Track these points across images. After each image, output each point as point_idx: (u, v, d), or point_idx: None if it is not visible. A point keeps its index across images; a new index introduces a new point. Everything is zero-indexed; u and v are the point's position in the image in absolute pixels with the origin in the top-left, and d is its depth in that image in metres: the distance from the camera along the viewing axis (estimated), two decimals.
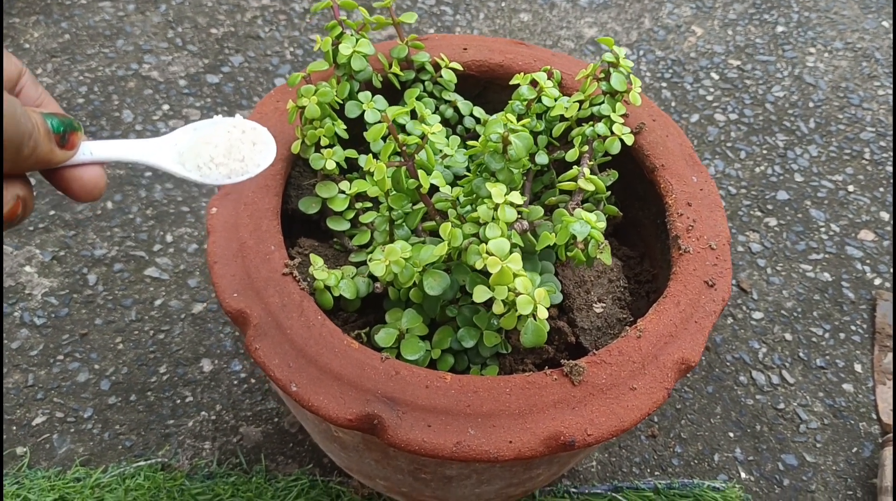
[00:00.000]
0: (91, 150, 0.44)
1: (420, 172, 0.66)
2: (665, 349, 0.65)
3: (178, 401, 0.97)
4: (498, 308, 0.60)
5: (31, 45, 1.38)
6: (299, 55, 1.43)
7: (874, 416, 1.04)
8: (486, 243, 0.61)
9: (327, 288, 0.68)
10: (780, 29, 1.61)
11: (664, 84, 1.47)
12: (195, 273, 1.10)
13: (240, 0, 1.52)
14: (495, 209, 0.62)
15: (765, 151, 1.37)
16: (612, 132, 0.73)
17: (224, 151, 0.48)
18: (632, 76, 0.75)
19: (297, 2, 1.53)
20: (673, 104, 1.43)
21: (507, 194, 0.63)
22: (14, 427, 0.94)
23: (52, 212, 1.15)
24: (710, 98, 1.45)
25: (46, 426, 0.94)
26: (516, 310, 0.59)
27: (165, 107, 1.31)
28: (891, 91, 1.50)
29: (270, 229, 0.69)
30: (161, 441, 0.94)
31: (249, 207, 0.70)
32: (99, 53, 1.38)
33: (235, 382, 1.00)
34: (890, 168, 1.36)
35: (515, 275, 0.60)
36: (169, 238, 1.13)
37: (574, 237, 0.62)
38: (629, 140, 0.73)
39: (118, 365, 1.00)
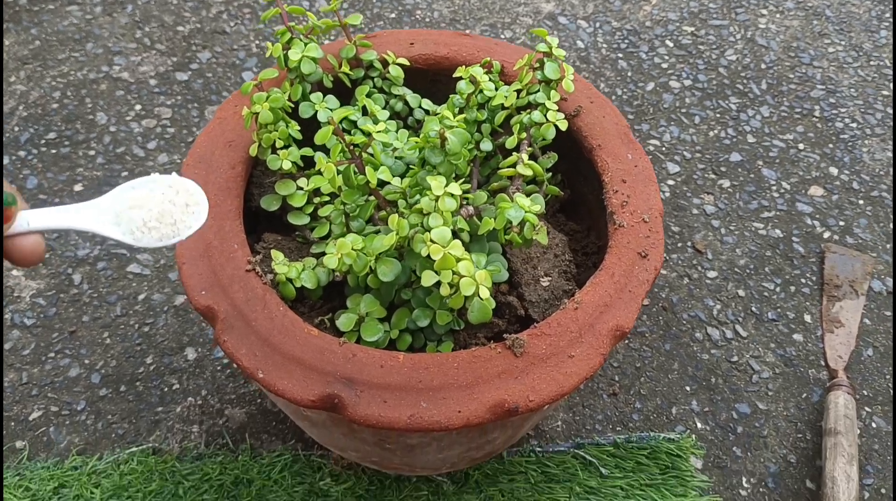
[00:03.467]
0: (28, 220, 0.48)
1: (368, 169, 0.71)
2: (601, 318, 0.71)
3: (166, 389, 1.04)
4: (444, 290, 0.66)
5: (2, 54, 1.42)
6: (265, 48, 1.47)
7: (822, 363, 1.11)
8: (430, 232, 0.66)
9: (289, 280, 0.73)
10: None
11: (620, 55, 1.51)
12: (175, 267, 1.15)
13: None
14: (436, 200, 0.68)
15: (718, 115, 1.42)
16: (547, 119, 0.78)
17: (157, 215, 0.52)
18: (564, 65, 0.80)
19: None
20: (629, 74, 1.48)
21: (446, 185, 0.68)
22: (13, 423, 1.00)
23: None
24: (664, 66, 1.50)
25: (43, 420, 1.01)
26: (461, 291, 0.65)
27: (138, 107, 1.36)
28: (840, 48, 1.55)
29: (233, 228, 0.74)
30: (151, 428, 1.00)
31: (213, 209, 0.75)
32: (70, 58, 1.43)
33: (219, 368, 1.06)
34: (839, 124, 1.42)
35: (458, 259, 0.65)
36: None
37: (510, 222, 0.68)
38: (563, 126, 0.78)
39: (107, 359, 1.06)
